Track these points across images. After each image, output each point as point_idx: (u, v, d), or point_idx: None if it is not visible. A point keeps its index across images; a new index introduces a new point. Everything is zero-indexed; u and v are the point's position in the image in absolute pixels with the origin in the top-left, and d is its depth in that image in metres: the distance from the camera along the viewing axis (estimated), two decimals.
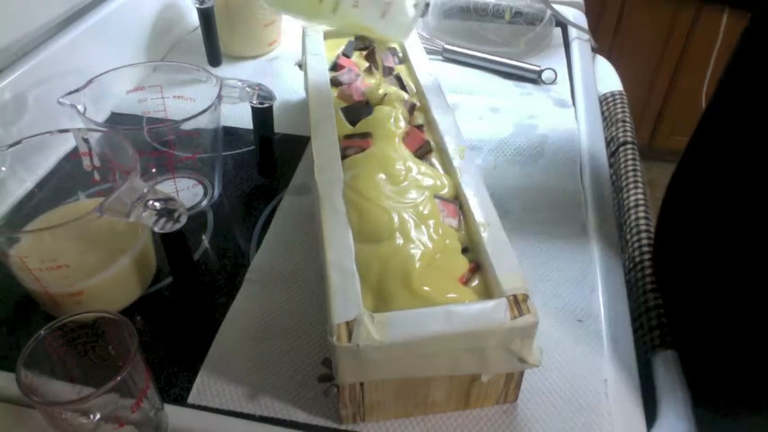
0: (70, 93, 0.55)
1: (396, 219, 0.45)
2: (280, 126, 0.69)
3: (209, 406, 0.44)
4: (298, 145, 0.70)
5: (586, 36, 0.91)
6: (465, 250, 0.45)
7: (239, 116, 0.74)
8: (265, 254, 0.57)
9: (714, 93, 0.45)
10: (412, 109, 0.59)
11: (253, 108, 0.60)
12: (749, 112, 0.41)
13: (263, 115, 0.61)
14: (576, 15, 0.95)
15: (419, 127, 0.57)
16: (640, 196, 0.63)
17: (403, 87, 0.63)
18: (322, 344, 0.49)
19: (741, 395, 0.47)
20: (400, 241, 0.44)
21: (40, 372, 0.38)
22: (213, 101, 0.56)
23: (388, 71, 0.65)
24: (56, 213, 0.52)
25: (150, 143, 0.55)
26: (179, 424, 0.43)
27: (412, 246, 0.44)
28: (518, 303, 0.39)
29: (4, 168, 0.51)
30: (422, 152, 0.54)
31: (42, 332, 0.38)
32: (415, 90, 0.63)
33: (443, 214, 0.47)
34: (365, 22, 0.60)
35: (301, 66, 0.74)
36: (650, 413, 0.45)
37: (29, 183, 0.56)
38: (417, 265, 0.42)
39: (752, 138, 0.41)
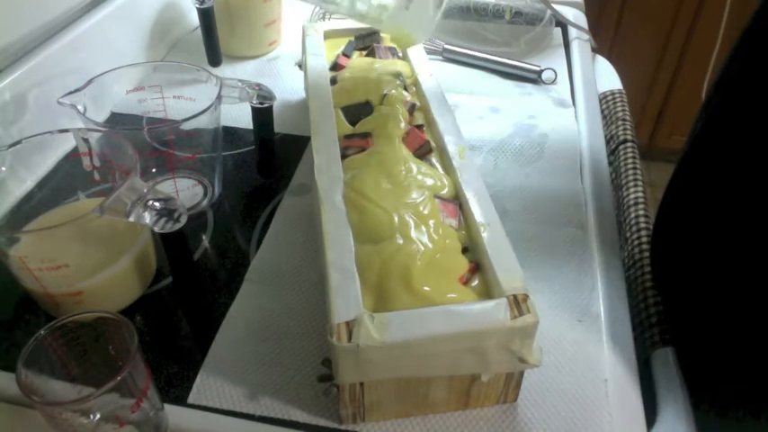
0: (70, 93, 0.55)
1: (396, 219, 0.45)
2: (280, 126, 0.69)
3: (208, 406, 0.44)
4: (298, 145, 0.70)
5: (586, 36, 0.91)
6: (465, 250, 0.45)
7: (239, 116, 0.74)
8: (265, 254, 0.57)
9: (714, 88, 0.45)
10: (412, 109, 0.59)
11: (253, 108, 0.60)
12: (750, 108, 0.41)
13: (263, 115, 0.61)
14: (575, 15, 0.95)
15: (419, 127, 0.57)
16: (640, 194, 0.63)
17: (403, 87, 0.63)
18: (322, 344, 0.48)
19: (740, 393, 0.47)
20: (400, 241, 0.44)
21: (40, 372, 0.38)
22: (213, 101, 0.56)
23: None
24: (56, 213, 0.52)
25: (150, 143, 0.55)
26: (179, 424, 0.43)
27: (412, 246, 0.44)
28: (518, 303, 0.39)
29: (4, 168, 0.51)
30: (422, 152, 0.54)
31: (42, 332, 0.38)
32: (414, 90, 0.63)
33: (443, 214, 0.47)
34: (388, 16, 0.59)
35: (301, 66, 0.74)
36: (650, 413, 0.45)
37: (29, 183, 0.56)
38: (417, 265, 0.42)
39: (752, 135, 0.41)
